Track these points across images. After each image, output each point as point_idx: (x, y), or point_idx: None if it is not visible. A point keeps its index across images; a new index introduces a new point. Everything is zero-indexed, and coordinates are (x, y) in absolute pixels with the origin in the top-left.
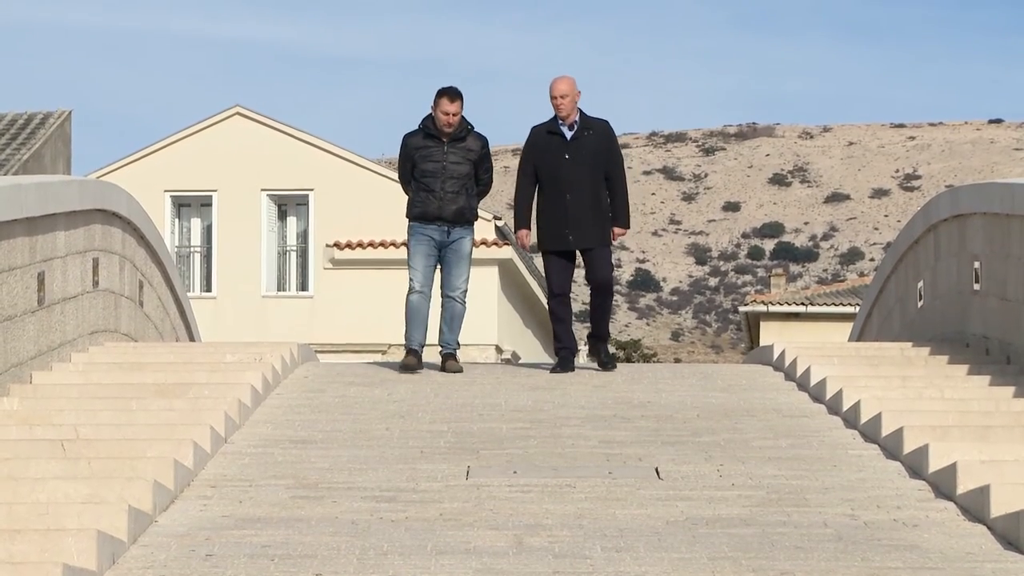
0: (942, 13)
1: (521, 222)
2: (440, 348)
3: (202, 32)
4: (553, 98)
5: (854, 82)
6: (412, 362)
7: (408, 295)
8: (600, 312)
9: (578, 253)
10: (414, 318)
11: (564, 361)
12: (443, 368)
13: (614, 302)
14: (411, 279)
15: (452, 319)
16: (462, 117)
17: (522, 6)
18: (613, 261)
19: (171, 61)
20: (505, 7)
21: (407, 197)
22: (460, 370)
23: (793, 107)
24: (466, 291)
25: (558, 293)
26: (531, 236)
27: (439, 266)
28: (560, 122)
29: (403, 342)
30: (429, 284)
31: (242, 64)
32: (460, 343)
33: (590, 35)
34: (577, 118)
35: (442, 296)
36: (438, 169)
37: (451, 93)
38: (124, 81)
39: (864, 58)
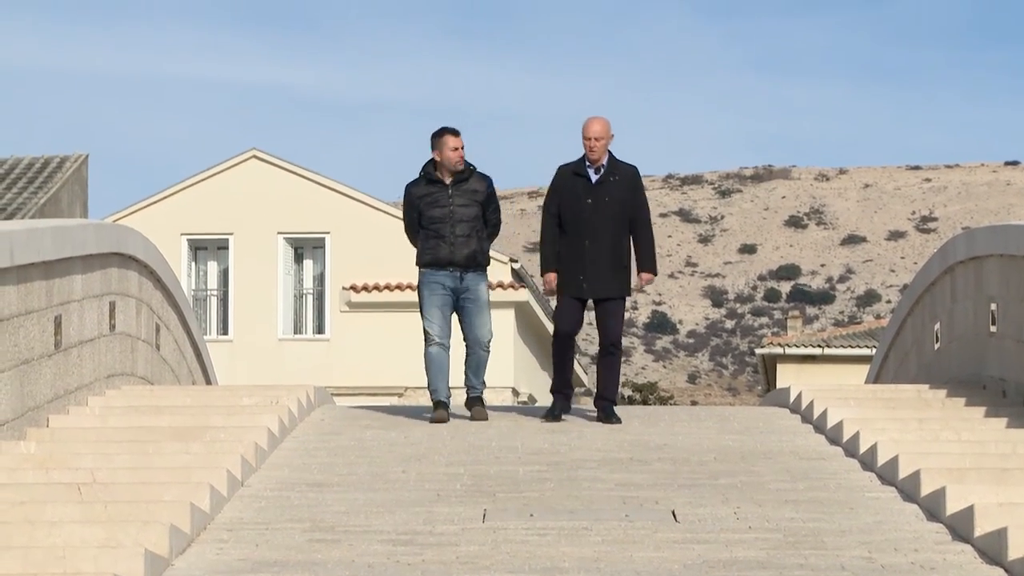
0: (958, 56)
1: (548, 264)
2: (467, 391)
3: (219, 76)
4: (587, 139)
5: (870, 124)
6: (443, 417)
7: (427, 347)
8: (608, 373)
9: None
10: (437, 370)
11: (554, 407)
12: (470, 414)
13: (630, 344)
14: (427, 331)
15: (478, 367)
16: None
17: (538, 50)
18: (628, 305)
19: (188, 105)
20: (522, 51)
21: (415, 249)
22: (487, 418)
23: (809, 149)
24: (491, 340)
25: (563, 332)
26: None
27: (458, 316)
28: (588, 164)
29: (423, 386)
30: (447, 335)
31: (259, 108)
32: (486, 383)
33: (606, 78)
34: (605, 162)
35: (467, 347)
36: (446, 214)
37: (453, 130)
38: (141, 125)
39: (880, 100)
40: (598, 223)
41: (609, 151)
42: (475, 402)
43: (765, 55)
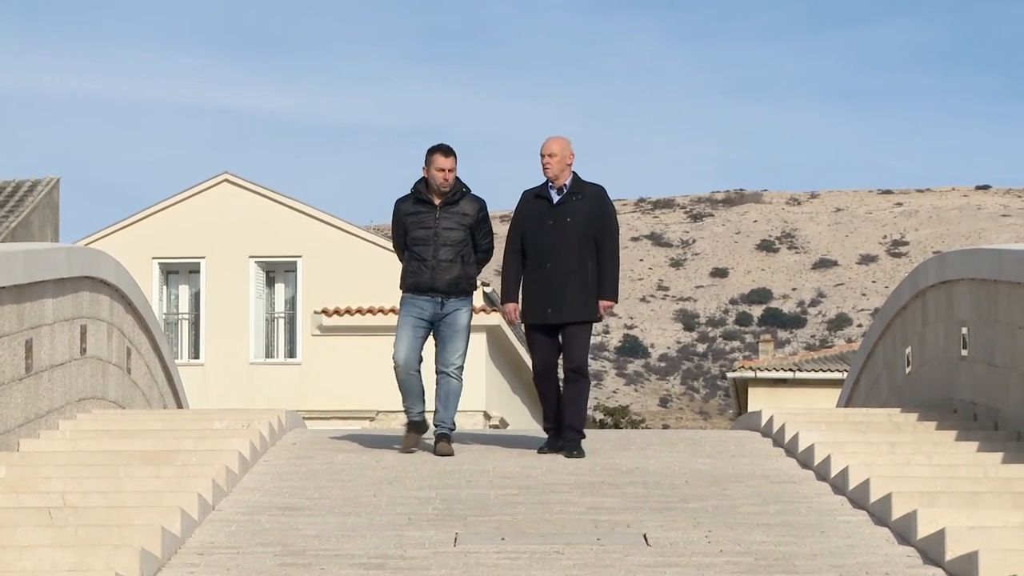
0: (929, 80)
1: (508, 294)
2: (434, 427)
3: (191, 100)
4: (541, 156)
5: (841, 148)
6: (413, 440)
7: (395, 371)
8: (572, 400)
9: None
10: (408, 391)
11: (552, 441)
12: (435, 450)
13: (601, 368)
14: (394, 356)
15: (447, 396)
16: (457, 178)
17: (512, 74)
18: (599, 328)
19: (160, 129)
20: (495, 75)
21: (401, 266)
22: (451, 453)
23: (780, 173)
24: (462, 367)
25: (540, 370)
26: (518, 308)
27: (434, 340)
28: (549, 185)
29: (395, 410)
30: (413, 361)
31: (231, 132)
32: (456, 423)
33: (580, 102)
34: (568, 182)
35: (436, 372)
36: (429, 236)
37: (444, 149)
38: (112, 148)
39: (851, 124)
40: (559, 245)
41: (574, 172)
42: (441, 439)
43: (737, 79)
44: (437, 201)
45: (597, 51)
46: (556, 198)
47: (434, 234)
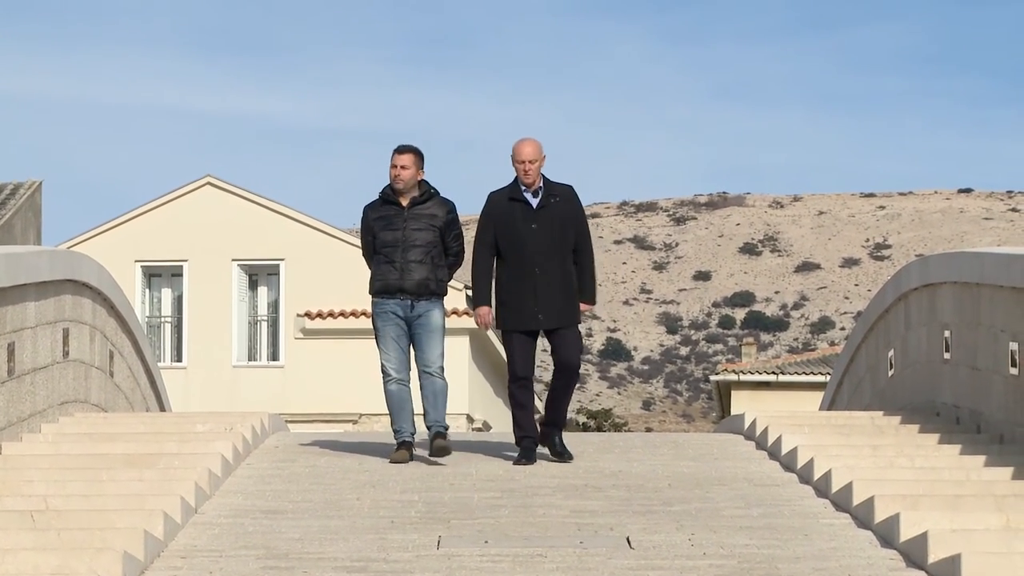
0: (912, 84)
1: (481, 298)
2: (427, 428)
3: (174, 103)
4: (520, 162)
5: (824, 152)
6: (403, 457)
7: (386, 384)
8: (561, 397)
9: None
10: (398, 408)
11: (527, 451)
12: (431, 449)
13: (584, 371)
14: (384, 364)
15: (435, 396)
16: (425, 181)
17: (495, 77)
18: (581, 330)
19: (142, 132)
20: (479, 78)
21: (371, 271)
22: (448, 452)
23: (763, 176)
24: (443, 366)
25: (522, 376)
26: (492, 313)
27: (412, 343)
28: (523, 188)
29: (378, 413)
30: (406, 368)
31: (214, 135)
32: (448, 423)
33: (564, 104)
34: (541, 184)
35: (419, 373)
36: (398, 238)
37: (400, 147)
38: (95, 151)
39: (834, 128)
40: (545, 249)
41: (542, 173)
42: (437, 437)
43: (721, 83)
44: (404, 202)
45: (581, 54)
46: (535, 201)
47: (403, 236)
